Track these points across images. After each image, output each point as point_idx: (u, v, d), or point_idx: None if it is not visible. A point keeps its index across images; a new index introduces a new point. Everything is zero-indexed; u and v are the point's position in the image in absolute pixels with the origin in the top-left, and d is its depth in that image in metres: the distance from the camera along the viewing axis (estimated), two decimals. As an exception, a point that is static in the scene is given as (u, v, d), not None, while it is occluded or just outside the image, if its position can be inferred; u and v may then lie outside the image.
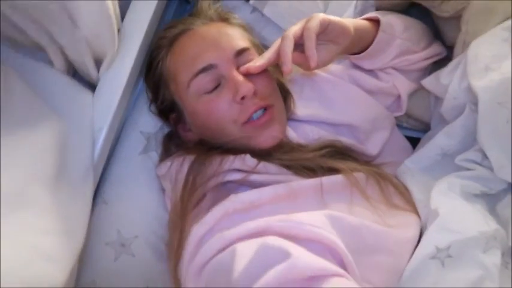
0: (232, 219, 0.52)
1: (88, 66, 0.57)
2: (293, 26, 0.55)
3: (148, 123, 0.64)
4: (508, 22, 0.58)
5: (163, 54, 0.61)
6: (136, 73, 0.63)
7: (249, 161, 0.56)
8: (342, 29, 0.57)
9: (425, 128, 0.72)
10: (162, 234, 0.60)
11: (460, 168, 0.59)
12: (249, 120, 0.57)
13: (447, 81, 0.63)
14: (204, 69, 0.57)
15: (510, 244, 0.54)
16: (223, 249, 0.48)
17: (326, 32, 0.56)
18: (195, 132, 0.62)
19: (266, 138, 0.58)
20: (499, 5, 0.59)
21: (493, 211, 0.57)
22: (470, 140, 0.60)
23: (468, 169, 0.58)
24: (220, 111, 0.57)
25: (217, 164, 0.55)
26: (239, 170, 0.56)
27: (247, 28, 0.64)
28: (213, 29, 0.61)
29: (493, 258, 0.50)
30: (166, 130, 0.65)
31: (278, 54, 0.54)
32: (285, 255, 0.42)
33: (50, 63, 0.57)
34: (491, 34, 0.58)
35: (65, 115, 0.54)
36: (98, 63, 0.59)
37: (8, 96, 0.49)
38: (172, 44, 0.61)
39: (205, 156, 0.56)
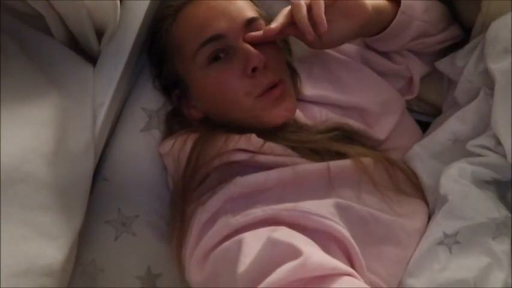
0: (237, 203, 0.50)
1: (89, 38, 0.55)
2: None
3: (150, 100, 0.61)
4: (531, 3, 0.56)
5: (168, 24, 0.58)
6: (140, 46, 0.61)
7: (254, 140, 0.54)
8: (355, 3, 0.54)
9: (437, 112, 0.70)
10: (164, 213, 0.59)
11: (471, 154, 0.57)
12: (263, 94, 0.54)
13: (463, 64, 0.61)
14: (212, 39, 0.54)
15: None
16: (229, 236, 0.47)
17: (337, 4, 0.53)
18: (200, 109, 0.59)
19: (279, 113, 0.55)
20: (522, -16, 0.56)
21: (503, 199, 0.56)
22: (483, 125, 0.59)
23: (480, 155, 0.57)
24: (231, 83, 0.54)
25: (221, 143, 0.54)
26: (244, 150, 0.54)
27: (255, 1, 0.62)
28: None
29: (503, 246, 0.50)
30: (169, 107, 0.62)
31: (289, 19, 0.53)
32: (296, 253, 0.41)
33: (51, 34, 0.55)
34: (512, 15, 0.56)
35: (65, 88, 0.53)
36: (100, 35, 0.56)
37: (6, 67, 0.47)
38: (177, 14, 0.58)
39: (209, 135, 0.54)
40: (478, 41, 0.60)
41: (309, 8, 0.52)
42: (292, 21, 0.53)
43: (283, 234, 0.45)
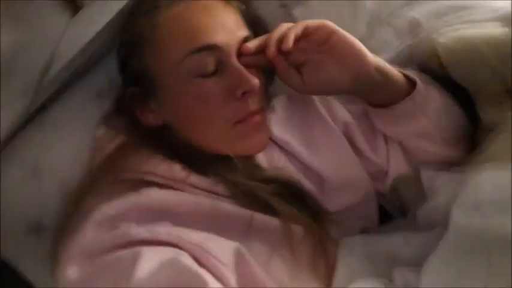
0: (143, 214, 0.48)
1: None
2: None
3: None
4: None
5: (159, 12, 0.52)
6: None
7: (177, 172, 0.50)
8: (351, 47, 0.49)
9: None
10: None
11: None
12: (241, 120, 0.51)
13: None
14: (206, 48, 0.49)
15: None
16: (125, 246, 0.45)
17: (329, 42, 0.49)
18: (161, 116, 0.54)
19: (257, 142, 0.53)
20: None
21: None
22: (423, 260, 0.52)
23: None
24: (213, 100, 0.50)
25: (139, 161, 0.51)
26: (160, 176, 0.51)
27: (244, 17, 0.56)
28: (220, 7, 0.52)
29: None
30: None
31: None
32: (202, 283, 0.41)
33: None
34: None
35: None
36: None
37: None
38: (171, 5, 0.52)
39: (133, 147, 0.51)
40: (467, 176, 0.51)
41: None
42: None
43: (188, 259, 0.44)
